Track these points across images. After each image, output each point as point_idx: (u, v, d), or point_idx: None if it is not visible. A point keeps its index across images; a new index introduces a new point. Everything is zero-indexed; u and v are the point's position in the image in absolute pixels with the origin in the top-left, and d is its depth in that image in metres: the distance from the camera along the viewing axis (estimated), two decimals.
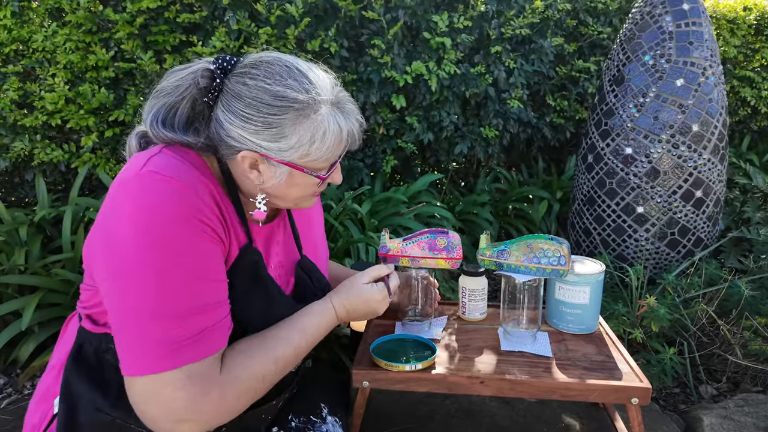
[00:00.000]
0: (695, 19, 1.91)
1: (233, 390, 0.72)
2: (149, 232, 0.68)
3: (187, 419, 0.69)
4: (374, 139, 2.45)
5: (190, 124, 0.80)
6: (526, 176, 3.03)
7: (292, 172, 0.80)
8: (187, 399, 0.68)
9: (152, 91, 0.80)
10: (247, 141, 0.76)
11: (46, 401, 0.84)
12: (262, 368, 0.77)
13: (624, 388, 0.95)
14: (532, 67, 2.56)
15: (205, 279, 0.72)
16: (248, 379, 0.75)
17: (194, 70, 0.78)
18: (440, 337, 1.16)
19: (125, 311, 0.68)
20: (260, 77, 0.75)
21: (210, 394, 0.70)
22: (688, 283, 1.71)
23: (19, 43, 2.09)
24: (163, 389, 0.67)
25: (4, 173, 2.28)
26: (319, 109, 0.76)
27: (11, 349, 1.66)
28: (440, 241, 1.11)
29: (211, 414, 0.70)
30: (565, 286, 1.16)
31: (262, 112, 0.74)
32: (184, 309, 0.69)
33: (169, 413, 0.68)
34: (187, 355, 0.68)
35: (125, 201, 0.70)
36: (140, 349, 0.68)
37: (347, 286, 0.95)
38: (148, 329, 0.67)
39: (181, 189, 0.71)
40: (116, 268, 0.69)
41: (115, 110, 2.14)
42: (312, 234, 1.05)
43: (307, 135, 0.76)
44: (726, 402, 1.43)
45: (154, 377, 0.67)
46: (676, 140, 1.90)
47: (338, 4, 2.14)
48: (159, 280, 0.68)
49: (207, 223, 0.73)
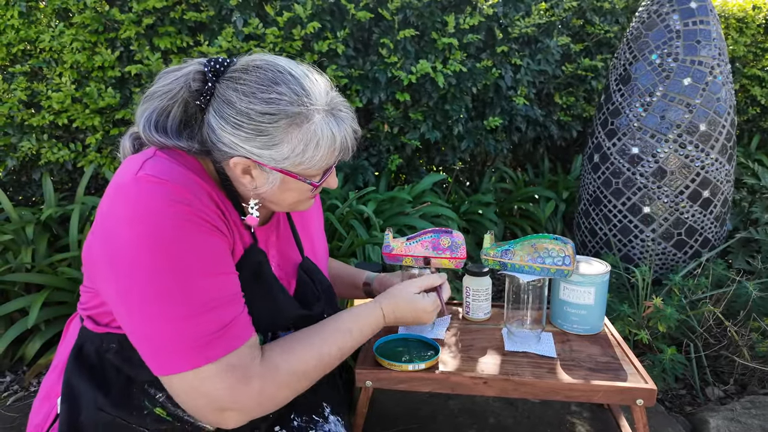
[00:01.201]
0: (703, 17, 1.89)
1: (273, 381, 0.74)
2: (151, 236, 0.68)
3: (229, 408, 0.70)
4: (379, 137, 2.45)
5: (183, 128, 0.79)
6: (531, 176, 3.02)
7: (285, 179, 0.79)
8: (226, 389, 0.69)
9: (144, 95, 0.79)
10: (239, 147, 0.74)
11: (49, 401, 0.84)
12: (304, 364, 0.78)
13: (629, 390, 0.95)
14: (538, 66, 2.55)
15: (220, 273, 0.73)
16: (288, 373, 0.76)
17: (186, 73, 0.76)
18: (443, 336, 1.16)
19: (143, 316, 0.69)
20: (252, 83, 0.73)
21: (250, 384, 0.71)
22: (695, 284, 1.70)
23: (26, 43, 2.11)
24: (202, 382, 0.69)
25: (12, 172, 2.30)
26: (312, 117, 0.74)
27: (18, 347, 1.67)
28: (444, 240, 1.10)
29: (252, 403, 0.72)
30: (569, 286, 1.15)
31: (254, 120, 0.72)
32: (208, 303, 0.70)
33: (212, 403, 0.70)
34: (218, 349, 0.70)
35: (123, 206, 0.70)
36: (170, 349, 0.69)
37: (397, 291, 0.97)
38: (177, 328, 0.68)
39: (178, 191, 0.71)
40: (121, 273, 0.69)
41: (121, 109, 2.15)
42: (310, 233, 1.05)
43: (300, 144, 0.75)
44: (733, 404, 1.42)
45: (193, 372, 0.69)
46: (684, 140, 1.88)
47: (346, 6, 2.14)
48: (176, 280, 0.68)
49: (207, 219, 0.73)
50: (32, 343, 1.63)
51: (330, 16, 2.21)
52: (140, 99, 2.20)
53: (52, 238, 1.95)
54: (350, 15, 2.18)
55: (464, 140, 2.52)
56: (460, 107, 2.43)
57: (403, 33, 2.20)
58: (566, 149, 3.17)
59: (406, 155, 2.54)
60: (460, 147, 2.55)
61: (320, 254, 1.06)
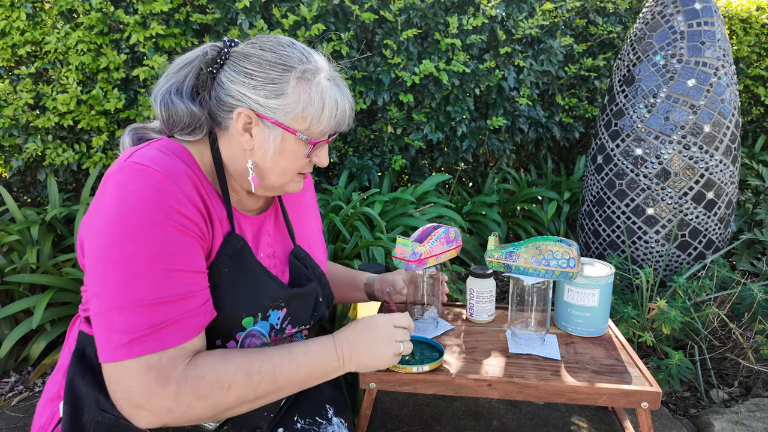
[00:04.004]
0: (707, 18, 1.88)
1: (192, 389, 0.71)
2: (120, 220, 0.69)
3: (142, 407, 0.69)
4: (382, 138, 2.46)
5: (195, 95, 0.84)
6: (534, 177, 3.02)
7: (285, 136, 0.81)
8: (141, 387, 0.68)
9: (161, 74, 0.85)
10: (245, 98, 0.79)
11: (53, 403, 0.85)
12: (232, 377, 0.73)
13: (633, 392, 0.94)
14: (541, 67, 2.55)
15: (172, 270, 0.71)
16: (212, 383, 0.72)
17: (203, 48, 0.84)
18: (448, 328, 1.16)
19: (97, 299, 0.70)
20: (268, 43, 0.82)
21: (167, 387, 0.69)
22: (700, 286, 1.69)
23: (32, 44, 2.12)
24: (121, 376, 0.69)
25: (18, 173, 2.31)
26: (317, 76, 0.81)
27: (22, 347, 1.68)
28: (451, 233, 1.16)
29: (164, 407, 0.70)
30: (574, 288, 1.15)
31: (265, 69, 0.79)
32: (146, 299, 0.69)
33: (128, 399, 0.69)
34: (145, 346, 0.69)
35: (106, 192, 0.72)
36: (105, 337, 0.69)
37: (359, 320, 0.92)
38: (112, 317, 0.69)
39: (161, 179, 0.72)
40: (90, 256, 0.71)
41: (126, 110, 2.15)
42: (305, 229, 1.06)
43: (305, 97, 0.80)
44: (737, 407, 1.41)
45: (116, 365, 0.69)
46: (688, 141, 1.88)
47: (350, 8, 2.15)
48: (123, 268, 0.69)
49: (185, 214, 0.73)
50: (37, 343, 1.63)
51: (334, 18, 2.21)
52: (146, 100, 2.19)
53: (56, 238, 1.96)
54: (354, 16, 2.18)
55: (466, 140, 2.52)
56: (463, 108, 2.43)
57: (406, 34, 2.20)
58: (569, 150, 3.17)
59: (409, 156, 2.55)
60: (462, 147, 2.55)
61: (316, 251, 1.06)
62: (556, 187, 2.83)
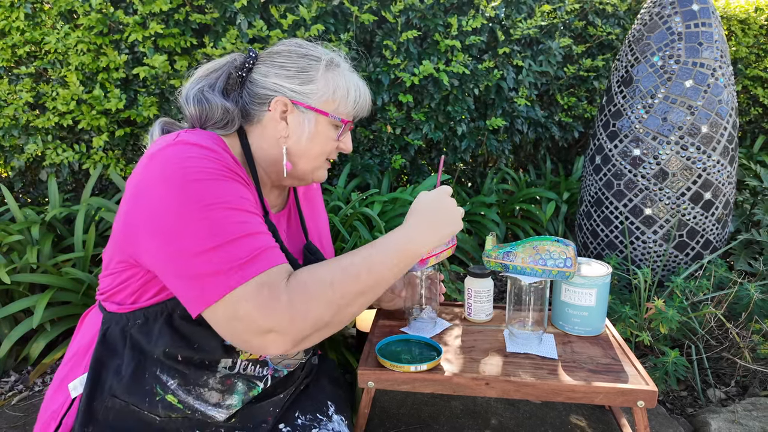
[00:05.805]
0: (705, 19, 1.89)
1: (301, 293, 0.74)
2: (180, 176, 0.73)
3: (266, 328, 0.71)
4: (382, 138, 2.46)
5: (226, 94, 0.92)
6: (533, 177, 3.02)
7: (318, 119, 0.90)
8: (258, 307, 0.70)
9: (190, 76, 0.94)
10: (281, 87, 0.89)
11: (63, 389, 0.87)
12: (330, 274, 0.77)
13: (630, 391, 0.95)
14: (540, 67, 2.56)
15: (248, 212, 0.77)
16: (315, 283, 0.76)
17: (230, 56, 0.94)
18: (446, 327, 1.17)
19: (180, 258, 0.71)
20: (293, 43, 0.94)
21: (280, 299, 0.72)
22: (697, 286, 1.70)
23: (31, 44, 2.12)
24: (237, 306, 0.70)
25: (19, 173, 2.32)
26: (341, 66, 0.94)
27: (22, 347, 1.68)
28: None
29: (285, 319, 0.72)
30: (571, 288, 1.16)
31: (296, 60, 0.90)
32: (235, 233, 0.73)
33: (249, 326, 0.71)
34: (253, 268, 0.72)
35: (160, 165, 0.75)
36: (201, 284, 0.71)
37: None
38: (210, 259, 0.71)
39: (217, 152, 0.79)
40: (154, 216, 0.73)
41: (126, 110, 2.16)
42: (316, 227, 1.13)
43: (333, 82, 0.91)
44: (734, 406, 1.42)
45: (227, 299, 0.70)
46: (685, 142, 1.89)
47: (349, 9, 2.15)
48: (206, 215, 0.72)
49: (236, 172, 0.80)
50: (37, 343, 1.64)
51: (333, 19, 2.22)
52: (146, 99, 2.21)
53: (56, 238, 1.96)
54: (354, 17, 2.19)
55: (465, 140, 2.53)
56: (463, 108, 2.44)
57: (406, 35, 2.21)
58: (568, 150, 3.18)
59: (409, 155, 2.55)
60: (461, 147, 2.56)
61: (328, 249, 1.14)
62: (554, 187, 2.84)
